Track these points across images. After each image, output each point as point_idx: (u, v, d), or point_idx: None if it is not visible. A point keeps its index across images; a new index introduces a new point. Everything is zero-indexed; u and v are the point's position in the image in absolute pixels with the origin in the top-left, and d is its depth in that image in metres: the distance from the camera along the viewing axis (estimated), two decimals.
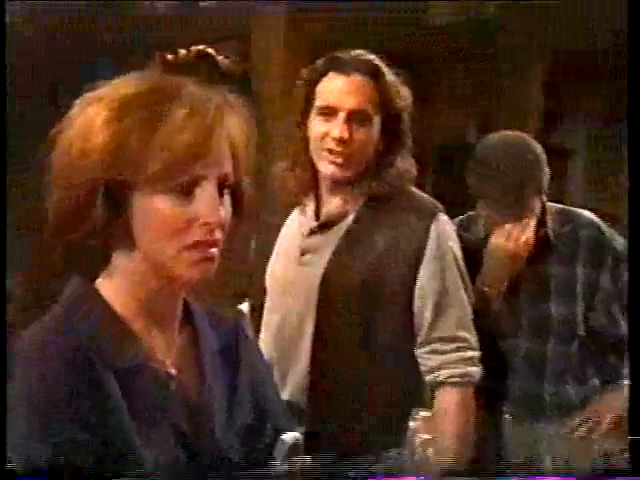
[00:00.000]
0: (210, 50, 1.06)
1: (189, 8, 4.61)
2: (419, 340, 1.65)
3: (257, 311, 1.76)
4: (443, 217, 1.69)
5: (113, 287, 1.00)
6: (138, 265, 0.98)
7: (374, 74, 1.61)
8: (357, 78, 1.61)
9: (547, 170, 2.01)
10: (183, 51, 1.03)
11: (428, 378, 1.65)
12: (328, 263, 1.64)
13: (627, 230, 1.31)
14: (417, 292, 1.63)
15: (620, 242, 2.11)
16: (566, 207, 2.14)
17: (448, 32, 4.57)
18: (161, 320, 1.02)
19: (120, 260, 0.99)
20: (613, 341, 2.13)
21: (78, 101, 0.98)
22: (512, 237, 1.96)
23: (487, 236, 2.00)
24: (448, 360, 1.63)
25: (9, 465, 0.90)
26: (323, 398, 1.62)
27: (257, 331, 1.73)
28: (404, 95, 1.65)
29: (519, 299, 2.06)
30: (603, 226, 2.11)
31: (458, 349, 1.65)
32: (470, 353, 1.66)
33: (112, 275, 1.00)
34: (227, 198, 0.98)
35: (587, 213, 2.13)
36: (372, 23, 3.75)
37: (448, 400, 1.63)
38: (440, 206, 1.71)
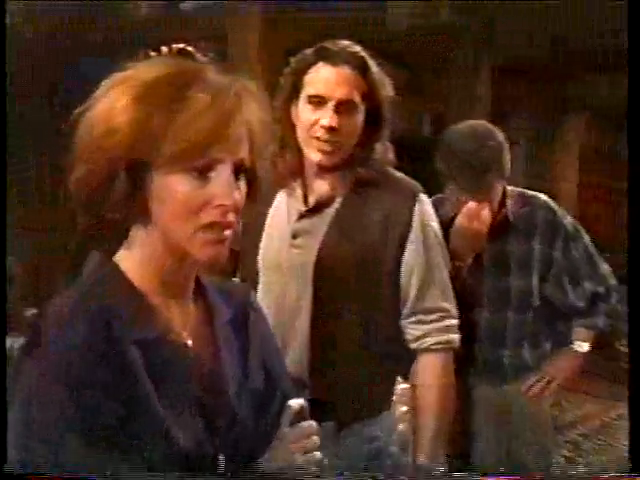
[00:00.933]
0: (190, 48, 1.03)
1: (170, 9, 4.51)
2: (405, 312, 1.64)
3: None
4: (424, 197, 1.68)
5: (132, 262, 0.96)
6: (155, 242, 0.95)
7: (361, 66, 1.58)
8: (345, 69, 1.57)
9: (508, 156, 2.02)
10: (165, 49, 1.01)
11: (413, 346, 1.64)
12: (321, 245, 1.60)
13: (627, 230, 1.28)
14: (403, 268, 1.62)
15: (569, 221, 2.14)
16: (524, 190, 2.15)
17: (407, 35, 4.56)
18: (177, 294, 0.99)
19: (138, 236, 0.96)
20: (563, 310, 2.16)
21: (104, 82, 0.94)
22: (476, 217, 1.97)
23: (454, 216, 2.01)
24: (432, 329, 1.63)
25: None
26: (323, 369, 1.59)
27: None
28: (387, 86, 1.62)
29: (483, 273, 2.08)
30: (555, 208, 2.13)
31: (441, 318, 1.64)
32: (451, 321, 1.66)
33: (131, 250, 0.97)
34: (242, 182, 0.95)
35: (542, 196, 2.15)
36: (345, 24, 3.71)
37: (432, 364, 1.63)
38: (421, 187, 1.69)
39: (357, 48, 1.60)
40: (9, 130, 1.41)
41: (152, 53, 0.97)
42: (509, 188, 2.09)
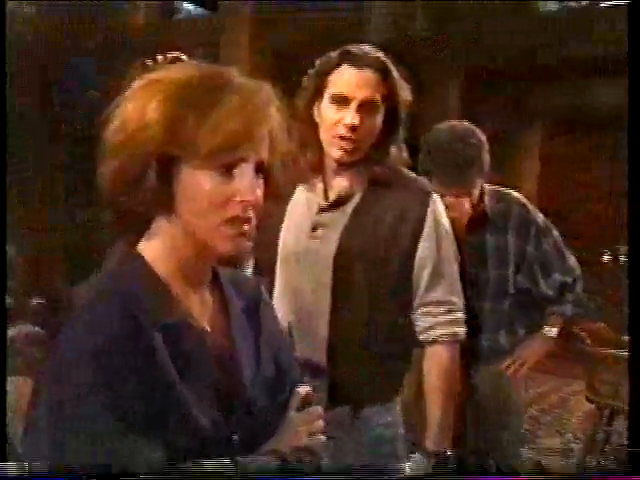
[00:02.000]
0: (183, 56, 1.00)
1: (166, 8, 4.42)
2: (415, 303, 1.60)
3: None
4: (436, 196, 1.64)
5: (153, 252, 0.94)
6: (176, 233, 0.93)
7: (382, 70, 1.54)
8: (368, 72, 1.53)
9: (488, 155, 1.98)
10: (160, 57, 0.98)
11: (422, 337, 1.60)
12: (341, 237, 1.56)
13: (628, 230, 1.24)
14: (416, 262, 1.58)
15: (540, 217, 2.12)
16: (499, 188, 2.12)
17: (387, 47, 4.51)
18: (195, 282, 0.97)
19: (160, 227, 0.94)
20: (535, 298, 2.14)
21: (133, 83, 0.92)
22: (455, 210, 1.94)
23: None
24: (440, 321, 1.59)
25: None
26: (342, 356, 1.54)
27: None
28: (406, 90, 1.58)
29: (463, 264, 2.04)
30: (528, 204, 2.11)
31: (448, 311, 1.60)
32: (458, 315, 1.62)
33: (152, 241, 0.94)
34: (261, 181, 0.94)
35: (515, 193, 2.13)
36: (333, 27, 3.64)
37: (439, 355, 1.60)
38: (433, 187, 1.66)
39: (379, 53, 1.57)
40: (9, 130, 1.35)
41: (148, 61, 0.96)
42: (485, 185, 2.06)
